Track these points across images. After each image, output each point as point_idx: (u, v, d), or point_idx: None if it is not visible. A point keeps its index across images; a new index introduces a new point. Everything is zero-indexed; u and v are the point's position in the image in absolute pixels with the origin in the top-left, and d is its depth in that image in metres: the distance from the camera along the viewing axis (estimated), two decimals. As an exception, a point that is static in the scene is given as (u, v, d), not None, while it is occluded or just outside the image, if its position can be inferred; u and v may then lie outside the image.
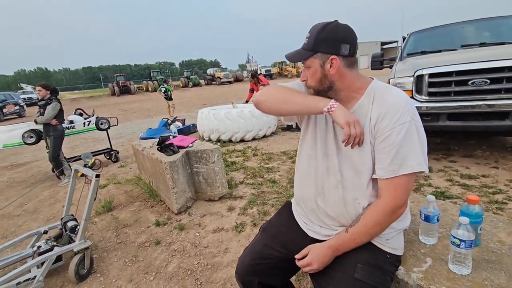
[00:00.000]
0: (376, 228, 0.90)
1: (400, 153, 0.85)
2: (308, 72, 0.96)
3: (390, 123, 0.87)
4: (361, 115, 0.93)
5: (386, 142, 0.87)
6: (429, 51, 3.73)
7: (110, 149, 4.93)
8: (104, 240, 2.38)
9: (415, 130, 0.86)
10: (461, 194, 2.54)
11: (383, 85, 0.96)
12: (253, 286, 1.06)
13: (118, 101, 22.50)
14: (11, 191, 3.96)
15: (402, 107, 0.87)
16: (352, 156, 0.94)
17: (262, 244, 1.11)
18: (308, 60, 0.94)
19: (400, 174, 0.86)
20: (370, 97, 0.93)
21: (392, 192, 0.88)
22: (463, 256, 0.89)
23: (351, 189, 0.95)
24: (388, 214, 0.88)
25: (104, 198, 3.11)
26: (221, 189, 2.91)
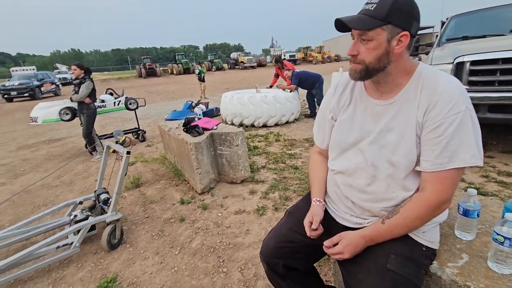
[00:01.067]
0: (417, 222, 0.85)
1: (451, 145, 0.79)
2: (366, 46, 0.83)
3: (442, 112, 0.80)
4: (405, 103, 0.87)
5: (435, 133, 0.81)
6: (472, 36, 3.42)
7: (137, 129, 5.12)
8: (133, 214, 2.51)
9: (470, 121, 0.79)
10: (497, 191, 2.38)
11: (432, 70, 0.87)
12: (277, 268, 1.07)
13: (144, 83, 23.13)
14: (49, 163, 4.27)
15: (456, 95, 0.80)
16: (390, 148, 0.89)
17: (288, 227, 1.09)
18: (373, 31, 0.80)
19: (449, 168, 0.80)
20: (418, 83, 0.86)
21: (437, 186, 0.82)
22: (505, 255, 0.83)
23: (387, 182, 0.90)
24: (432, 209, 0.83)
25: (133, 175, 3.27)
26: (244, 172, 2.94)
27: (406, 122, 0.86)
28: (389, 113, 0.90)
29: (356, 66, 0.88)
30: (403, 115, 0.87)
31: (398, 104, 0.89)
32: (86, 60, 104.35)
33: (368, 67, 0.86)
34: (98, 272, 1.81)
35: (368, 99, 0.96)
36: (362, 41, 0.84)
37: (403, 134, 0.86)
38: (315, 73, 5.93)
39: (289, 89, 5.83)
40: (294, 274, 1.09)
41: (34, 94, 15.10)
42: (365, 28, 0.81)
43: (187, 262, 1.84)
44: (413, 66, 0.89)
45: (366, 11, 0.82)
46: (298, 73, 5.85)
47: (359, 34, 0.84)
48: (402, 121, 0.87)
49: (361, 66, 0.87)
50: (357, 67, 0.88)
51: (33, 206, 2.86)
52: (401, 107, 0.88)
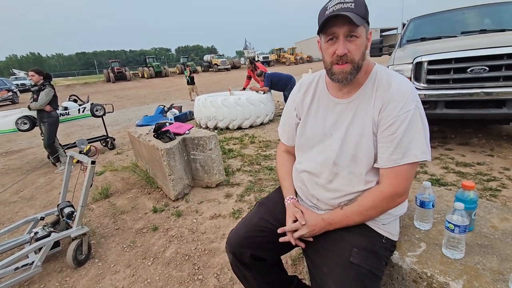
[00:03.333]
0: (371, 211, 0.90)
1: (403, 142, 0.84)
2: (355, 43, 0.84)
3: (394, 111, 0.85)
4: (363, 102, 0.92)
5: (389, 130, 0.86)
6: (429, 38, 3.68)
7: (106, 136, 4.89)
8: (101, 226, 2.39)
9: (420, 118, 0.85)
10: (456, 181, 2.57)
11: (386, 70, 0.93)
12: (244, 258, 1.04)
13: (113, 87, 22.16)
14: (6, 178, 3.93)
15: (406, 94, 0.85)
16: (352, 145, 0.93)
17: (259, 217, 1.09)
18: (360, 28, 0.83)
19: (403, 163, 0.85)
20: (374, 83, 0.91)
21: (392, 180, 0.87)
22: (456, 241, 0.90)
23: (349, 178, 0.94)
24: (386, 200, 0.88)
25: (101, 185, 3.11)
26: (218, 176, 2.92)
27: (364, 120, 0.91)
28: (349, 111, 0.94)
29: (345, 67, 0.86)
30: (361, 113, 0.91)
31: (357, 102, 0.93)
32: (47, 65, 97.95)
33: (358, 65, 0.87)
34: (64, 292, 1.69)
35: (330, 97, 0.99)
36: (350, 39, 0.84)
37: (362, 132, 0.91)
38: (286, 74, 6.04)
39: (262, 91, 5.88)
40: (260, 264, 1.07)
41: (-12, 103, 13.89)
42: (359, 24, 0.81)
43: (160, 272, 1.78)
44: (370, 65, 0.94)
45: (347, 8, 0.80)
46: (270, 74, 5.92)
47: (348, 31, 0.82)
48: (361, 119, 0.91)
49: (351, 66, 0.86)
50: (347, 68, 0.86)
51: (-12, 225, 2.62)
52: (360, 106, 0.92)
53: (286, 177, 1.13)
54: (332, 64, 0.89)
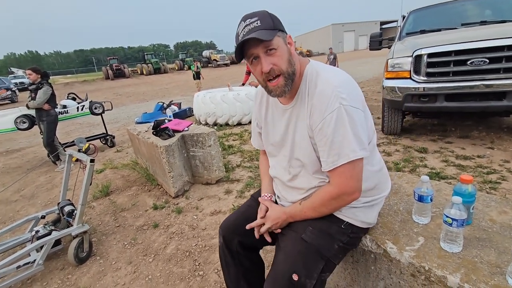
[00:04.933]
0: (322, 208, 0.94)
1: (334, 143, 0.84)
2: (275, 54, 0.85)
3: (320, 114, 0.85)
4: (301, 106, 0.93)
5: (321, 134, 0.87)
6: (429, 30, 3.64)
7: (105, 134, 4.89)
8: (102, 224, 2.40)
9: (345, 116, 0.83)
10: (456, 174, 2.57)
11: (315, 69, 0.92)
12: (232, 244, 1.12)
13: (112, 85, 22.09)
14: (6, 177, 3.95)
15: (328, 94, 0.84)
16: (297, 149, 0.97)
17: (247, 205, 1.19)
18: (274, 40, 0.84)
19: (339, 164, 0.85)
20: (306, 85, 0.92)
21: (337, 180, 0.89)
22: (454, 235, 0.90)
23: (305, 176, 0.99)
24: (334, 199, 0.91)
25: (101, 183, 3.12)
26: (218, 173, 2.92)
27: (303, 125, 0.93)
28: (293, 116, 0.97)
29: (278, 81, 0.88)
30: (300, 118, 0.94)
31: (297, 107, 0.95)
32: (46, 63, 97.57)
33: (288, 73, 0.88)
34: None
35: (278, 105, 1.03)
36: (270, 53, 0.85)
37: (303, 136, 0.94)
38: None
39: (261, 86, 5.84)
40: (244, 255, 1.13)
41: (-13, 102, 13.86)
42: (270, 38, 0.82)
43: (161, 269, 1.80)
44: (303, 65, 0.94)
45: (254, 28, 0.82)
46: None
47: (264, 47, 0.84)
48: (300, 124, 0.94)
49: (283, 78, 0.87)
50: (280, 82, 0.88)
51: (-10, 224, 2.64)
52: (299, 110, 0.94)
53: (264, 176, 1.22)
54: (265, 82, 0.90)
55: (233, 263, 1.13)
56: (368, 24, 46.07)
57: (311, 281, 0.87)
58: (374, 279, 1.07)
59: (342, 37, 45.74)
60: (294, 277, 0.85)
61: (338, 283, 1.26)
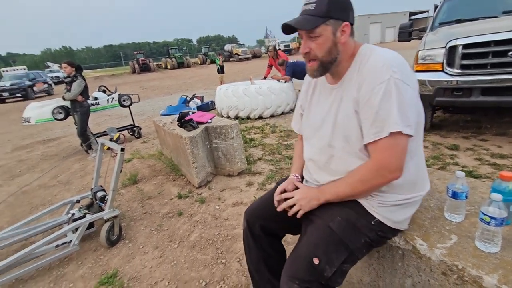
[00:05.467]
0: (358, 183, 0.91)
1: (380, 115, 0.83)
2: (316, 42, 0.90)
3: (369, 86, 0.85)
4: (348, 84, 0.94)
5: (367, 106, 0.86)
6: (465, 19, 3.40)
7: (133, 125, 5.09)
8: (131, 210, 2.53)
9: (394, 88, 0.82)
10: (490, 173, 2.41)
11: (370, 48, 0.93)
12: (255, 228, 1.15)
13: (138, 78, 22.87)
14: (45, 163, 4.25)
15: (379, 66, 0.85)
16: (342, 126, 0.96)
17: (272, 192, 1.18)
18: (319, 28, 0.88)
19: (383, 136, 0.83)
20: (356, 65, 0.93)
21: (377, 154, 0.87)
22: (492, 234, 0.85)
23: (343, 158, 0.97)
24: (373, 173, 0.87)
25: (130, 172, 3.27)
26: (240, 165, 2.96)
27: (349, 101, 0.93)
28: (337, 96, 0.98)
29: (312, 64, 0.94)
30: (347, 95, 0.94)
31: (343, 87, 0.96)
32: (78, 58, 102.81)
33: (322, 61, 0.93)
34: (99, 269, 1.83)
35: (326, 85, 1.05)
36: (311, 38, 0.90)
37: (347, 114, 0.93)
38: (309, 63, 5.89)
39: (283, 80, 5.79)
40: (267, 240, 1.16)
41: (26, 94, 14.90)
42: (311, 27, 0.87)
43: (186, 255, 1.87)
44: (356, 48, 0.95)
45: (307, 11, 0.88)
46: (292, 63, 5.81)
47: (307, 33, 0.90)
48: (345, 102, 0.95)
49: (317, 63, 0.93)
50: (314, 65, 0.94)
51: (31, 206, 2.87)
52: (345, 88, 0.95)
53: (297, 159, 1.25)
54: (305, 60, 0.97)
55: (255, 246, 1.17)
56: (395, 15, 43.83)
57: (331, 268, 0.86)
58: (401, 276, 1.04)
59: (368, 29, 43.93)
60: (314, 261, 0.86)
61: (362, 278, 1.24)
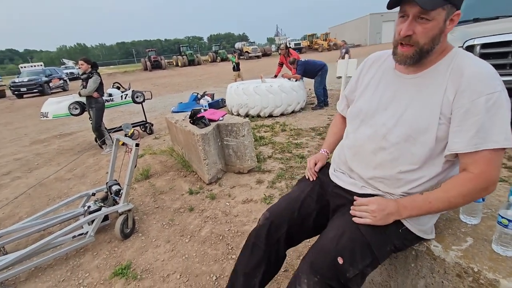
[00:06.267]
0: (459, 199, 0.83)
1: (485, 125, 0.77)
2: (424, 26, 0.80)
3: (475, 94, 0.78)
4: (432, 80, 0.87)
5: (469, 113, 0.79)
6: (484, 18, 3.30)
7: (145, 122, 5.19)
8: (143, 204, 2.59)
9: (505, 101, 0.78)
10: (507, 177, 2.35)
11: (465, 53, 0.87)
12: (279, 231, 1.04)
13: (150, 76, 23.21)
14: (61, 157, 4.38)
15: (487, 76, 0.79)
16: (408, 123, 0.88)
17: (297, 193, 1.12)
18: (435, 11, 0.77)
19: (485, 148, 0.78)
20: (450, 63, 0.85)
21: (482, 167, 0.79)
22: (509, 237, 0.84)
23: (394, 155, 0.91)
24: (477, 189, 0.81)
25: (142, 167, 3.34)
26: (250, 162, 2.98)
27: (430, 98, 0.86)
28: (411, 86, 0.91)
29: (407, 50, 0.85)
30: (428, 92, 0.87)
31: (425, 79, 0.88)
32: (91, 54, 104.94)
33: (422, 48, 0.83)
34: (113, 260, 1.89)
35: (394, 72, 0.97)
36: (420, 20, 0.80)
37: (426, 111, 0.86)
38: (320, 62, 5.85)
39: (294, 78, 5.77)
40: (281, 247, 1.06)
41: (43, 90, 15.34)
42: (433, 8, 0.77)
43: (197, 249, 1.90)
44: (448, 47, 0.89)
45: None
46: (303, 62, 5.78)
47: (419, 12, 0.79)
48: (425, 98, 0.87)
49: (414, 49, 0.84)
50: (409, 51, 0.85)
51: (48, 198, 2.97)
52: (427, 83, 0.88)
53: (331, 135, 1.27)
54: (397, 43, 0.88)
55: (264, 249, 1.03)
56: (411, 13, 42.82)
57: (353, 270, 0.84)
58: (413, 277, 1.04)
59: (381, 28, 43.08)
60: (339, 260, 0.83)
61: (373, 278, 1.24)
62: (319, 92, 5.88)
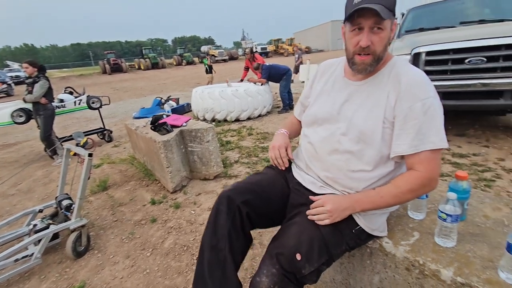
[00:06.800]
0: (408, 195, 0.90)
1: (423, 128, 0.85)
2: (379, 35, 0.86)
3: (413, 100, 0.86)
4: (376, 87, 0.93)
5: (409, 118, 0.86)
6: (427, 28, 3.65)
7: (103, 129, 4.87)
8: (100, 218, 2.41)
9: (438, 106, 0.87)
10: (451, 172, 2.59)
11: (403, 61, 0.95)
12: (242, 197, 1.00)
13: (109, 79, 21.92)
14: (3, 171, 3.92)
15: (422, 83, 0.87)
16: (358, 127, 0.94)
17: (268, 176, 1.14)
18: (385, 21, 0.84)
19: (425, 149, 0.86)
20: (390, 72, 0.93)
21: (426, 165, 0.87)
22: (449, 230, 0.92)
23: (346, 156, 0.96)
24: (424, 183, 0.88)
25: (99, 178, 3.11)
26: (216, 168, 2.93)
27: (376, 103, 0.92)
28: (361, 92, 0.97)
29: (367, 58, 0.89)
30: (374, 96, 0.94)
31: (370, 86, 0.96)
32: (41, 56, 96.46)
33: (378, 56, 0.89)
34: (64, 282, 1.72)
35: (344, 80, 1.03)
36: (375, 31, 0.86)
37: (372, 113, 0.92)
38: (284, 66, 6.00)
39: (260, 83, 5.84)
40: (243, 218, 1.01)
41: (-18, 95, 13.69)
42: (386, 17, 0.82)
43: (159, 263, 1.81)
44: (389, 56, 0.96)
45: (378, 0, 0.81)
46: (268, 66, 5.87)
47: (374, 23, 0.84)
48: (372, 102, 0.94)
49: (372, 57, 0.89)
50: (368, 59, 0.89)
51: (-13, 218, 2.63)
52: (373, 89, 0.94)
53: (289, 124, 1.28)
54: (354, 54, 0.91)
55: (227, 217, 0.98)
56: (366, 21, 45.92)
57: (309, 267, 0.87)
58: (369, 273, 1.09)
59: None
60: (297, 256, 0.86)
61: (334, 277, 1.28)
62: (284, 96, 6.01)
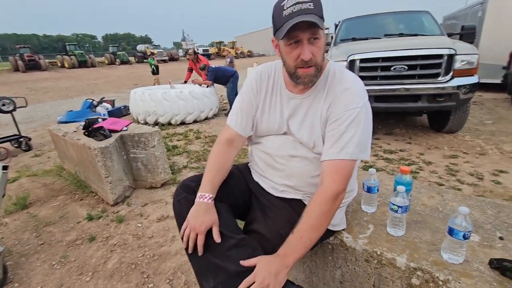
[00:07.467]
0: (322, 217, 0.84)
1: (343, 137, 0.86)
2: (316, 45, 0.83)
3: (342, 107, 0.88)
4: (316, 97, 0.94)
5: (334, 124, 0.88)
6: (359, 38, 4.07)
7: (18, 136, 4.09)
8: (20, 243, 1.99)
9: (363, 117, 0.87)
10: (384, 166, 2.92)
11: (339, 68, 0.96)
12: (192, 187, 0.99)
13: (24, 78, 18.75)
14: None
15: (354, 91, 0.89)
16: (306, 138, 0.95)
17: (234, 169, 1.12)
18: (320, 30, 0.81)
19: (339, 158, 0.85)
20: (326, 80, 0.94)
21: (333, 176, 0.85)
22: (398, 220, 1.01)
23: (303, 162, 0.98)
24: (331, 201, 0.84)
25: (16, 194, 2.59)
26: (164, 175, 2.72)
27: (315, 115, 0.94)
28: (303, 106, 0.97)
29: (310, 70, 0.86)
30: (314, 108, 0.95)
31: (310, 98, 0.96)
32: None
33: (319, 66, 0.88)
34: (-29, 330, 1.36)
35: (287, 93, 1.00)
36: (313, 41, 0.82)
37: (313, 126, 0.94)
38: (231, 69, 5.99)
39: (205, 85, 5.70)
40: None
41: None
42: (322, 27, 0.80)
43: (102, 287, 1.58)
44: (325, 63, 0.95)
45: (307, 10, 0.77)
46: (214, 68, 5.77)
47: (311, 34, 0.81)
48: (312, 114, 0.95)
49: (314, 68, 0.86)
50: (311, 71, 0.86)
51: None
52: (313, 101, 0.95)
53: (214, 171, 0.99)
54: (296, 68, 0.87)
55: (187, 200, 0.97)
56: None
57: None
58: (331, 269, 1.13)
59: (279, 41, 47.88)
60: None
61: (297, 276, 1.30)
62: (232, 98, 5.98)
